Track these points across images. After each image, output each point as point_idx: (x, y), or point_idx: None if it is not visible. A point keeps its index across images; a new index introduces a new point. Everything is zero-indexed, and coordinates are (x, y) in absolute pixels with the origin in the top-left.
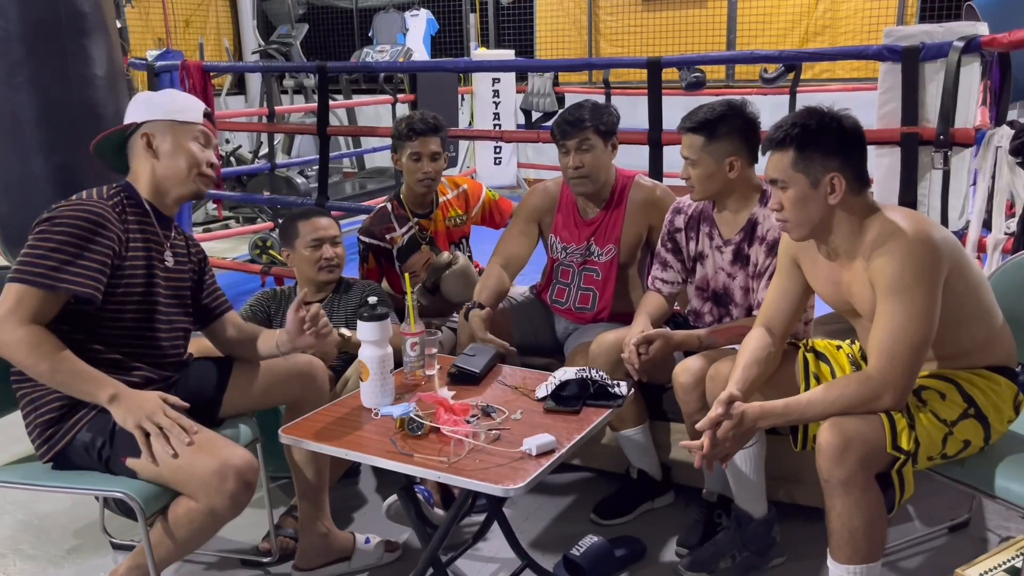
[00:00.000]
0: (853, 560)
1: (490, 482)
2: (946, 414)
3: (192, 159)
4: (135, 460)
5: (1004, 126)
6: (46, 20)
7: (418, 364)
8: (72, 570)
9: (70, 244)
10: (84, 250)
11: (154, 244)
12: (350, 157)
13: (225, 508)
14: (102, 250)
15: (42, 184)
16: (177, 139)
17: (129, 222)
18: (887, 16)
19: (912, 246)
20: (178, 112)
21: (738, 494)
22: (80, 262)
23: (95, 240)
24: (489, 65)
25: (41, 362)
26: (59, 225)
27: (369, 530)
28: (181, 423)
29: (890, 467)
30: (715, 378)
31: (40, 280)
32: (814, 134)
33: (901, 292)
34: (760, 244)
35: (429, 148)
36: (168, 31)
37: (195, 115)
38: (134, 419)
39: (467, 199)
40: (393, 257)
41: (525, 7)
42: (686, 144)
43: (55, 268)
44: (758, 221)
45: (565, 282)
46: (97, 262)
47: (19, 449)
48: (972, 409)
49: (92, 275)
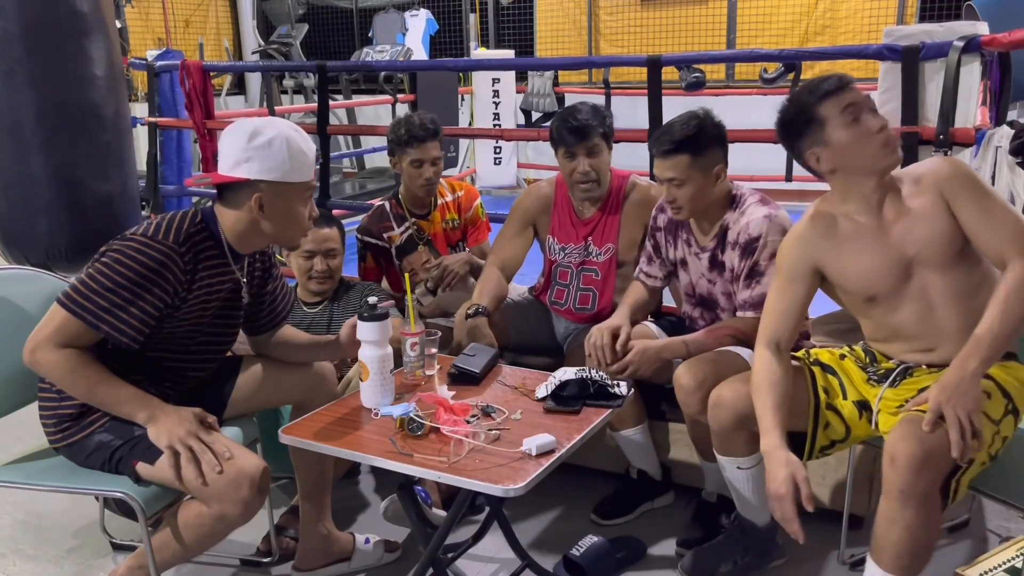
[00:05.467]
0: (908, 573)
1: (490, 482)
2: (994, 412)
3: (301, 221)
4: (146, 466)
5: (1004, 126)
6: (46, 20)
7: (418, 364)
8: (72, 570)
9: (126, 289)
10: (138, 298)
11: (222, 282)
12: (350, 157)
13: (237, 515)
14: (155, 301)
15: (41, 184)
16: (290, 203)
17: (199, 266)
18: (887, 16)
19: (956, 163)
20: (295, 171)
21: (741, 507)
22: (130, 309)
23: (151, 290)
24: (489, 64)
25: (77, 385)
26: (123, 265)
27: (369, 530)
28: (215, 447)
29: (951, 476)
30: (719, 404)
31: (86, 316)
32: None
33: (989, 192)
34: (732, 249)
35: (430, 154)
36: (168, 31)
37: (309, 170)
38: (167, 440)
39: (461, 204)
40: (392, 256)
41: (525, 7)
42: (668, 166)
43: (104, 309)
44: (728, 227)
45: (564, 283)
46: (147, 313)
47: (19, 449)
48: (1010, 404)
49: (136, 325)
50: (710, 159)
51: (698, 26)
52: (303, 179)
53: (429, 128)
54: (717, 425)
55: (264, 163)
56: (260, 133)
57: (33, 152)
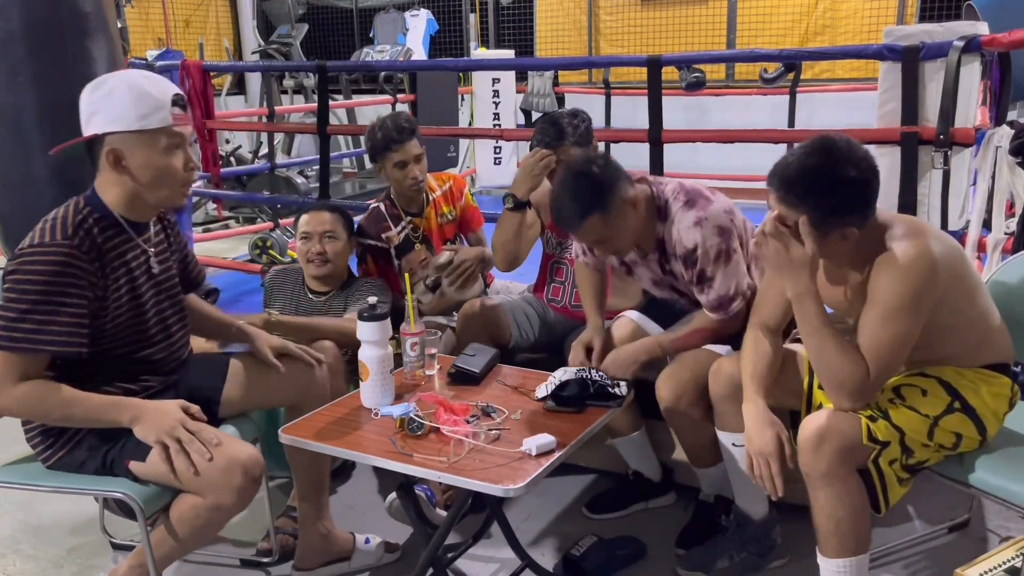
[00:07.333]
0: (841, 553)
1: (490, 482)
2: (928, 409)
3: (169, 174)
4: (138, 464)
5: (1004, 126)
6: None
7: (418, 364)
8: (72, 570)
9: (42, 304)
10: (60, 307)
11: (135, 257)
12: (350, 157)
13: (231, 503)
14: (77, 302)
15: (43, 184)
16: (148, 152)
17: (102, 250)
18: (887, 16)
19: (911, 269)
20: (144, 117)
21: (738, 495)
22: (59, 319)
23: (67, 293)
24: (489, 64)
25: (51, 412)
26: (28, 283)
27: (369, 530)
28: (202, 436)
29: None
30: (719, 373)
31: (22, 346)
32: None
33: (889, 319)
34: (676, 259)
35: (412, 153)
36: (168, 31)
37: (163, 115)
38: (155, 435)
39: (453, 195)
40: (391, 256)
41: (525, 7)
42: (584, 235)
43: (33, 331)
44: (664, 239)
45: (560, 280)
46: (76, 316)
47: (19, 449)
48: (958, 403)
49: (72, 331)
50: (617, 202)
51: (698, 26)
52: (156, 125)
53: (405, 127)
54: (715, 395)
55: (107, 114)
56: (102, 84)
57: (34, 152)
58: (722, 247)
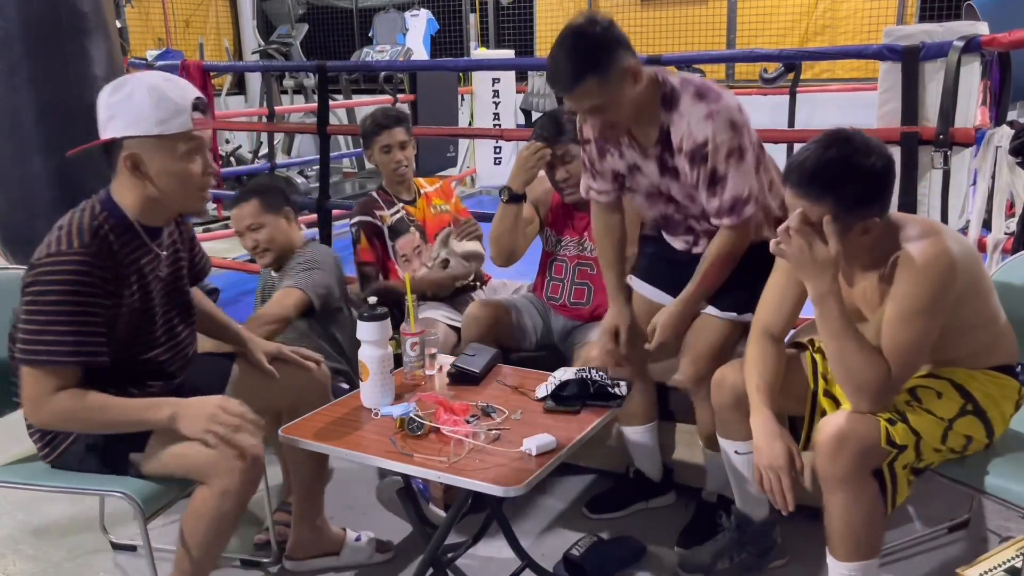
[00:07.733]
0: (852, 557)
1: (490, 482)
2: (943, 412)
3: (189, 180)
4: (139, 455)
5: (1004, 126)
6: (46, 20)
7: (418, 364)
8: (72, 570)
9: (66, 315)
10: (84, 316)
11: (148, 262)
12: (350, 157)
13: (238, 485)
14: (99, 311)
15: (41, 184)
16: (168, 158)
17: (117, 256)
18: (887, 16)
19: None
20: (163, 122)
21: (739, 496)
22: (82, 329)
23: (89, 302)
24: (489, 64)
25: (91, 420)
26: (49, 294)
27: (362, 528)
28: (247, 417)
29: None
30: (722, 384)
31: (55, 358)
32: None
33: (910, 319)
34: (680, 154)
35: (397, 138)
36: (168, 31)
37: (182, 120)
38: (201, 428)
39: (445, 192)
40: (385, 237)
41: (525, 7)
42: (579, 98)
43: (57, 343)
44: (669, 129)
45: (559, 278)
46: (96, 324)
47: (19, 449)
48: (971, 405)
49: (95, 340)
50: (617, 68)
51: (698, 26)
52: (177, 130)
53: (392, 115)
54: (718, 405)
55: (126, 117)
56: (122, 86)
57: (33, 152)
58: (735, 143)
